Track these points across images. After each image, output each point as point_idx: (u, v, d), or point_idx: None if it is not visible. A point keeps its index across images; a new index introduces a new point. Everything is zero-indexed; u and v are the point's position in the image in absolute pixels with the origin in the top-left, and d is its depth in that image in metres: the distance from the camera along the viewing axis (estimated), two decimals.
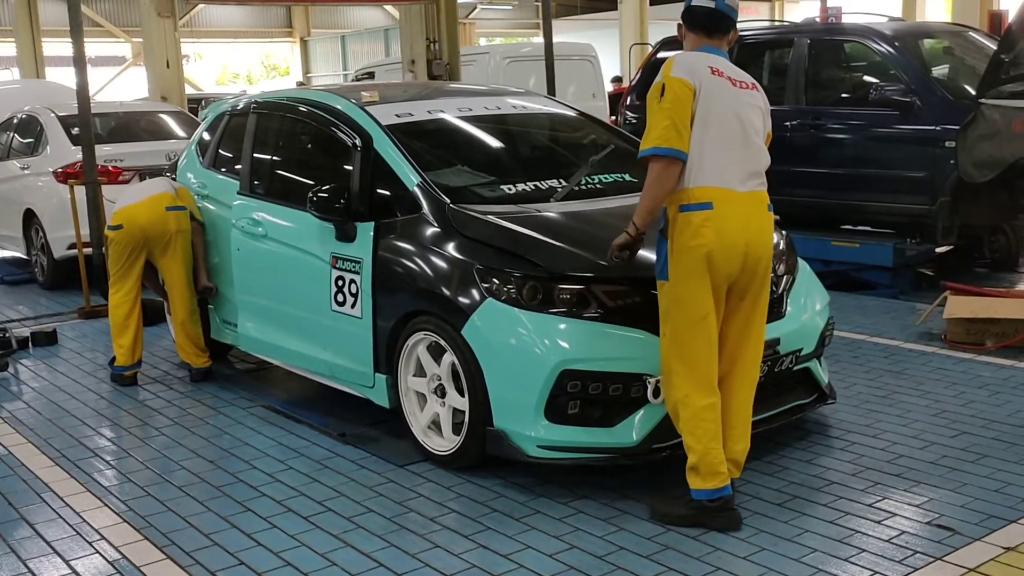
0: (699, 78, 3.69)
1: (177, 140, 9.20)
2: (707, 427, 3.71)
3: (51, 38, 20.94)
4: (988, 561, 3.43)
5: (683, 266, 3.67)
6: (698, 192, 3.66)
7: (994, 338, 5.90)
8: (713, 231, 3.64)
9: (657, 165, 3.65)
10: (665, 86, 3.66)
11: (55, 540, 3.89)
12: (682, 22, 3.92)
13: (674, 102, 3.63)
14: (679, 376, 3.73)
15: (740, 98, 3.80)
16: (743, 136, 3.79)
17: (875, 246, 7.69)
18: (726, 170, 3.72)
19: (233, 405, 5.46)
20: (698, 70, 3.70)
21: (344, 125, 5.11)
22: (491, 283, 4.17)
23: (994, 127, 6.97)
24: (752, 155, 3.85)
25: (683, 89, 3.64)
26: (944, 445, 4.48)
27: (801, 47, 8.33)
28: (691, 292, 3.67)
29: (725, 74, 3.77)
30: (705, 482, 3.73)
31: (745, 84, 3.86)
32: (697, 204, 3.66)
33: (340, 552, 3.68)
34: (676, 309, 3.72)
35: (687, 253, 3.65)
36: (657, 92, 3.68)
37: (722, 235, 3.65)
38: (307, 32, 34.73)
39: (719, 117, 3.71)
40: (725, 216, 3.67)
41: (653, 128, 3.64)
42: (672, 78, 3.66)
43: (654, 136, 3.63)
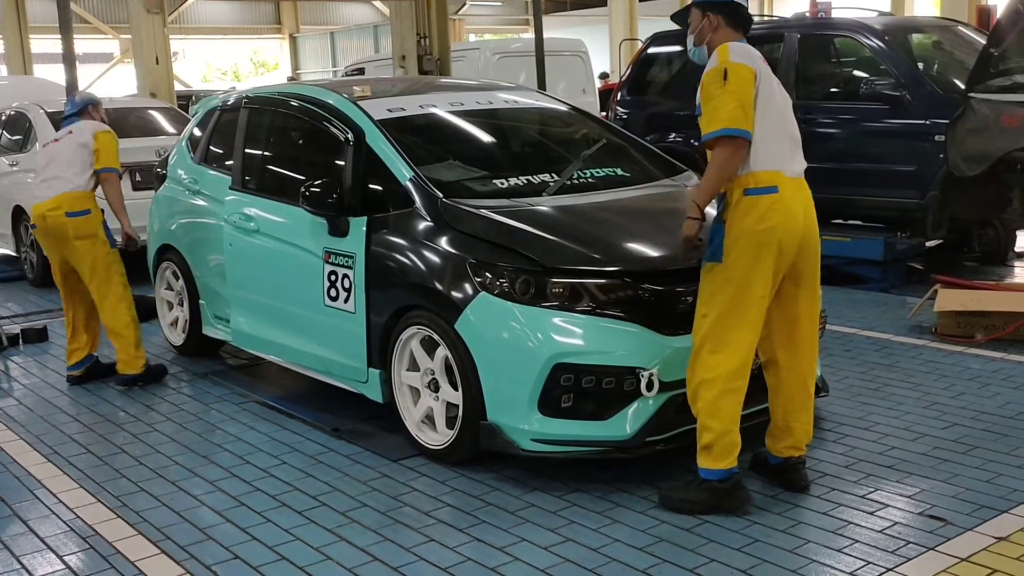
0: (757, 64, 3.75)
1: (167, 136, 9.18)
2: (732, 409, 3.73)
3: (39, 35, 20.87)
4: (980, 551, 3.45)
5: (746, 249, 3.66)
6: (764, 176, 3.69)
7: (984, 331, 5.94)
8: (781, 214, 3.68)
9: (727, 146, 3.63)
10: (728, 70, 3.66)
11: (48, 536, 3.88)
12: (720, 17, 3.87)
13: (739, 84, 3.65)
14: (715, 356, 3.71)
15: (778, 86, 3.88)
16: (791, 124, 3.86)
17: (866, 240, 7.72)
18: (784, 155, 3.77)
19: (226, 401, 5.46)
20: (754, 57, 3.77)
21: (336, 120, 5.11)
22: (484, 277, 4.18)
23: (983, 121, 7.01)
24: (797, 143, 3.90)
25: (747, 72, 3.68)
26: (935, 437, 4.50)
27: (791, 42, 8.34)
28: (753, 275, 3.68)
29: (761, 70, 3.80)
30: (717, 462, 3.75)
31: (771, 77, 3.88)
32: (764, 188, 3.68)
33: (335, 546, 3.68)
34: (730, 291, 3.69)
35: (753, 236, 3.65)
36: (720, 75, 3.67)
37: (787, 219, 3.70)
38: (296, 28, 34.67)
39: (776, 104, 3.78)
40: (789, 200, 3.72)
41: (720, 109, 3.63)
42: (733, 63, 3.68)
43: (722, 117, 3.62)
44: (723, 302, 3.71)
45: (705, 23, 3.91)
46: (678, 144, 8.91)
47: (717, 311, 3.72)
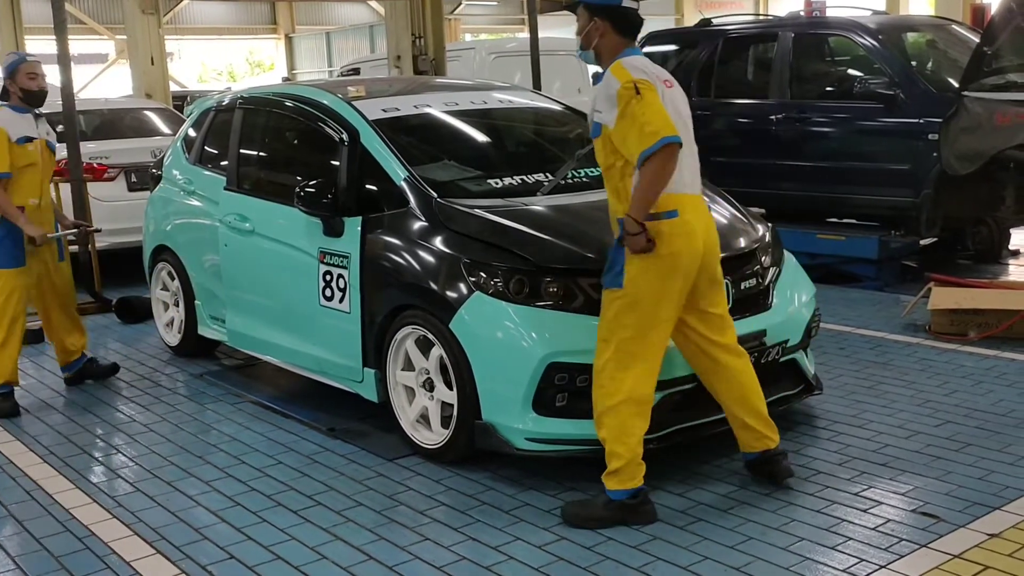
0: (656, 81, 3.66)
1: (162, 137, 9.18)
2: (638, 433, 3.72)
3: (34, 36, 20.84)
4: (972, 548, 3.47)
5: (650, 274, 3.63)
6: (664, 200, 3.61)
7: (977, 329, 5.95)
8: (683, 239, 3.65)
9: (664, 153, 3.53)
10: (637, 86, 3.58)
11: (44, 537, 3.89)
12: (607, 22, 3.75)
13: (653, 96, 3.59)
14: (618, 382, 3.68)
15: (677, 98, 3.77)
16: (688, 138, 3.76)
17: (860, 239, 7.74)
18: (684, 175, 3.70)
19: (221, 401, 5.47)
20: (650, 72, 3.67)
21: (331, 120, 5.12)
22: (478, 277, 4.19)
23: (976, 120, 7.02)
24: (695, 156, 3.84)
25: (653, 87, 3.61)
26: (928, 434, 4.52)
27: (785, 41, 8.37)
28: (658, 300, 3.66)
29: (661, 76, 3.73)
30: (625, 483, 3.72)
31: (671, 83, 3.78)
32: (665, 212, 3.63)
33: (330, 546, 3.69)
34: (634, 316, 3.66)
35: (656, 261, 3.62)
36: (632, 92, 3.57)
37: (690, 242, 3.66)
38: (292, 29, 34.63)
39: (680, 121, 3.68)
40: (689, 221, 3.68)
41: (650, 123, 3.53)
42: (637, 79, 3.60)
43: (655, 128, 3.52)
44: (627, 327, 3.67)
45: (592, 27, 3.79)
46: None
47: (620, 336, 3.68)
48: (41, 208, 5.49)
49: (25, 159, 5.31)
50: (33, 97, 5.38)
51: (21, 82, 5.35)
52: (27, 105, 5.37)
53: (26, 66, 5.35)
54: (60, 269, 5.69)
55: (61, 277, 5.72)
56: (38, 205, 5.45)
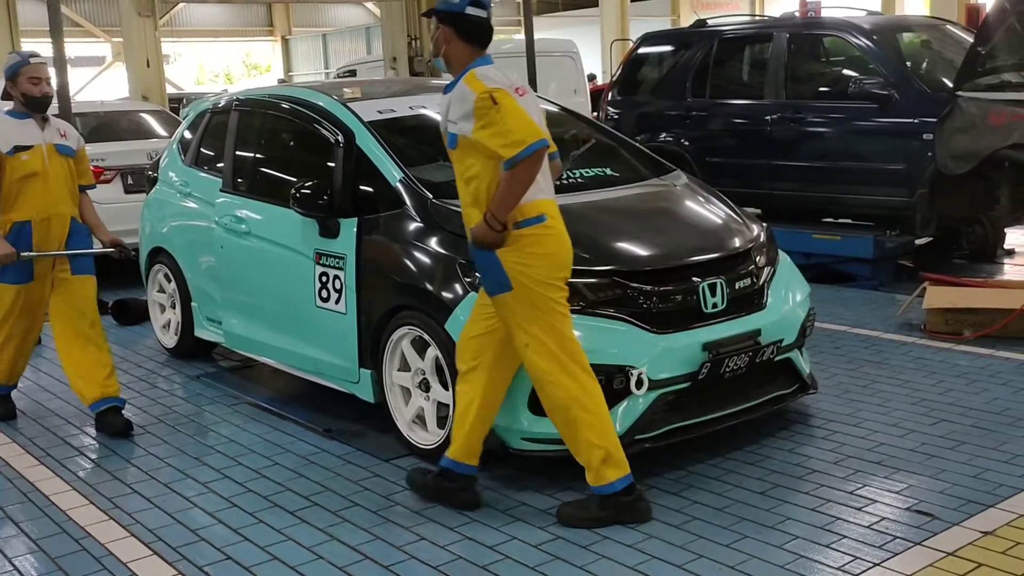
0: (507, 88, 3.68)
1: (159, 139, 9.19)
2: (606, 416, 3.74)
3: (30, 38, 20.81)
4: (966, 545, 3.48)
5: (535, 275, 3.68)
6: (529, 207, 3.69)
7: (972, 328, 5.97)
8: (554, 239, 3.73)
9: (532, 159, 3.59)
10: (493, 95, 3.61)
11: (41, 538, 3.89)
12: (451, 29, 3.78)
13: (510, 103, 3.61)
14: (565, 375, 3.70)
15: (529, 105, 3.77)
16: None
17: (855, 238, 7.76)
18: (542, 181, 3.75)
19: (218, 403, 5.47)
20: (502, 81, 3.69)
21: (326, 122, 5.13)
22: (474, 277, 4.19)
23: (971, 120, 7.05)
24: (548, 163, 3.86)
25: (507, 93, 3.64)
26: (923, 433, 4.54)
27: (780, 42, 8.39)
28: (551, 295, 3.71)
29: (518, 87, 3.75)
30: (620, 469, 3.72)
31: (523, 90, 3.80)
32: (533, 219, 3.70)
33: (327, 546, 3.70)
34: (536, 314, 3.69)
35: (539, 261, 3.69)
36: (489, 101, 3.60)
37: (560, 241, 3.75)
38: (288, 31, 34.64)
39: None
40: (555, 224, 3.76)
41: (513, 131, 3.57)
42: (492, 88, 3.62)
43: (520, 136, 3.56)
44: (539, 329, 3.70)
45: (439, 34, 3.84)
46: (668, 144, 8.95)
47: (538, 339, 3.70)
48: (52, 222, 4.96)
49: (21, 170, 4.86)
50: (35, 103, 4.92)
51: (23, 86, 4.90)
52: (29, 111, 4.94)
53: (28, 69, 4.89)
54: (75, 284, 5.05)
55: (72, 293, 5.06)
56: (47, 219, 4.94)
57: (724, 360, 4.22)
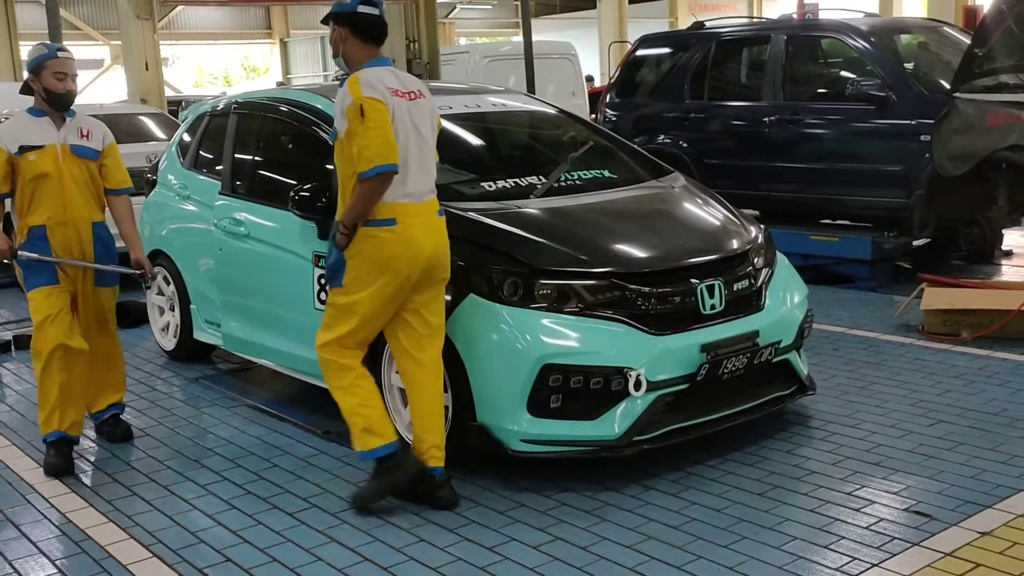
0: (387, 97, 3.81)
1: (157, 142, 9.19)
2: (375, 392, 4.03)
3: (29, 41, 20.81)
4: (964, 546, 3.49)
5: (368, 276, 3.87)
6: (382, 208, 3.84)
7: (970, 329, 5.98)
8: (398, 244, 3.86)
9: (376, 180, 3.76)
10: (363, 106, 3.74)
11: (41, 541, 3.90)
12: (346, 28, 3.94)
13: (378, 118, 3.75)
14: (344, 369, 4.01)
15: (415, 111, 3.93)
16: (420, 150, 3.95)
17: (853, 240, 7.77)
18: (408, 186, 3.88)
19: (217, 405, 5.48)
20: (382, 90, 3.81)
21: (325, 124, 5.12)
22: (472, 279, 4.21)
23: (968, 121, 7.06)
24: (427, 166, 4.01)
25: (380, 106, 3.77)
26: (921, 434, 4.54)
27: (778, 43, 8.40)
28: (375, 298, 3.90)
29: (400, 90, 3.89)
30: (382, 437, 3.94)
31: (414, 94, 3.96)
32: (382, 220, 3.85)
33: (326, 547, 3.71)
34: (354, 313, 3.93)
35: (371, 264, 3.87)
36: (357, 112, 3.74)
37: (405, 247, 3.87)
38: (286, 33, 34.63)
39: (409, 135, 3.89)
40: (406, 229, 3.88)
41: (368, 148, 3.72)
42: (366, 97, 3.75)
43: (372, 155, 3.72)
44: (346, 323, 3.95)
45: (336, 34, 3.98)
46: (666, 146, 8.97)
47: (339, 332, 3.97)
48: (69, 225, 4.62)
49: (31, 171, 4.52)
50: (58, 100, 4.57)
51: (46, 81, 4.54)
52: (50, 108, 4.60)
53: (55, 63, 4.53)
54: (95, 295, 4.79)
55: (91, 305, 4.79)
56: (64, 224, 4.60)
57: (722, 361, 4.23)
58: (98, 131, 4.74)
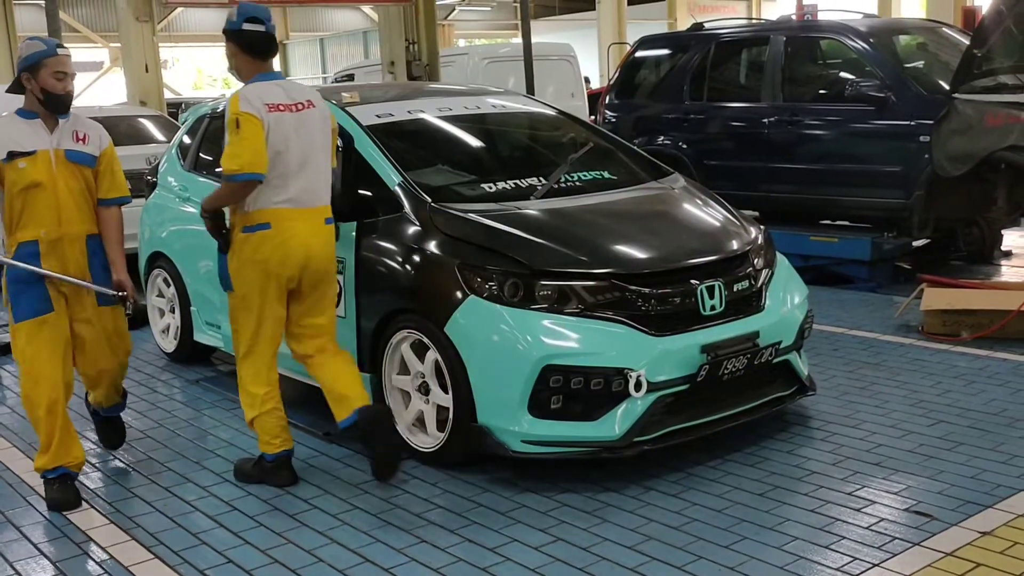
0: (263, 114, 4.07)
1: (157, 144, 9.20)
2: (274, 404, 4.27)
3: None
4: (965, 545, 3.49)
5: (249, 278, 4.15)
6: (257, 214, 4.11)
7: (969, 329, 5.99)
8: (273, 247, 4.10)
9: (237, 186, 4.08)
10: (239, 120, 4.03)
11: (42, 542, 3.90)
12: (234, 44, 4.20)
13: (250, 132, 4.02)
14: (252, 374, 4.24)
15: (300, 122, 4.16)
16: (303, 159, 4.15)
17: (853, 240, 7.78)
18: (289, 191, 4.12)
19: (218, 407, 5.48)
20: (259, 106, 4.06)
21: None
22: (473, 280, 4.21)
23: (967, 122, 7.07)
24: (311, 174, 4.20)
25: (254, 122, 4.04)
26: (921, 434, 4.55)
27: (777, 44, 8.41)
28: (261, 299, 4.15)
29: (283, 104, 4.13)
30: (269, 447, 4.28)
31: (302, 105, 4.18)
32: (257, 225, 4.11)
33: (327, 548, 3.71)
34: (246, 313, 4.21)
35: (251, 266, 4.12)
36: (234, 124, 4.04)
37: (280, 249, 4.10)
38: (285, 35, 34.62)
39: (279, 147, 4.09)
40: (281, 233, 4.11)
41: (237, 156, 4.00)
42: (242, 112, 4.04)
43: (239, 163, 4.00)
44: (246, 326, 4.22)
45: (227, 49, 4.26)
46: (666, 147, 8.97)
47: (243, 336, 4.25)
48: (64, 241, 4.15)
49: (21, 180, 4.05)
50: (56, 101, 4.13)
51: (44, 80, 4.09)
52: (45, 109, 4.15)
53: (54, 61, 4.09)
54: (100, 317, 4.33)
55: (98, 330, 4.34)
56: (59, 240, 4.14)
57: (723, 362, 4.24)
58: (95, 134, 4.32)
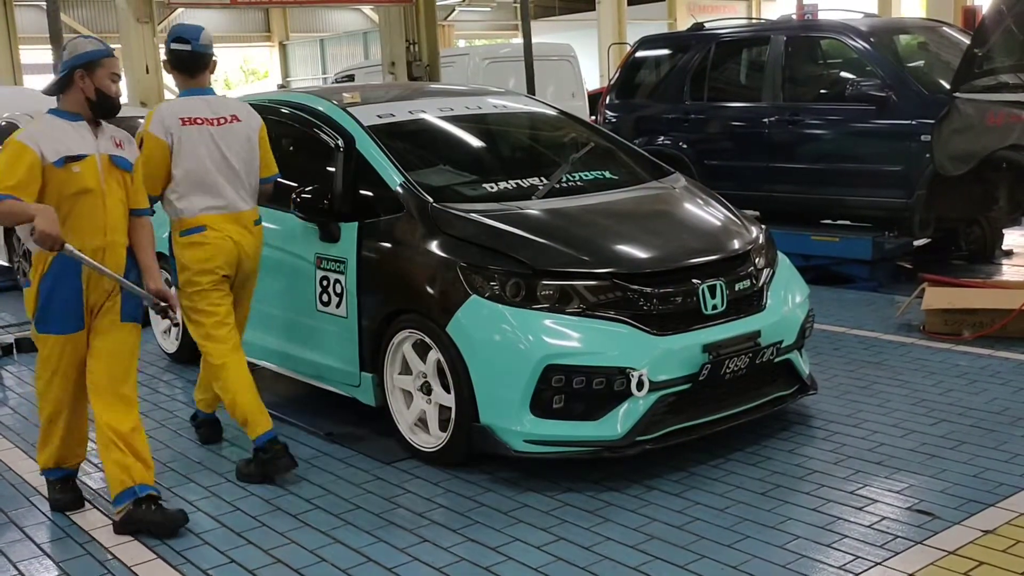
0: (171, 131, 4.39)
1: None
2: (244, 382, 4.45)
3: (28, 45, 20.86)
4: (967, 544, 3.49)
5: (193, 276, 4.46)
6: (190, 221, 4.46)
7: (971, 328, 5.99)
8: (211, 245, 4.45)
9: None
10: (143, 139, 4.39)
11: (45, 543, 3.91)
12: (168, 63, 4.59)
13: (148, 154, 4.34)
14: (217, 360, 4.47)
15: (220, 135, 4.48)
16: (225, 169, 4.48)
17: (854, 240, 7.78)
18: (212, 199, 4.46)
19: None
20: (170, 124, 4.40)
21: (326, 126, 5.14)
22: (475, 280, 4.22)
23: (968, 121, 7.07)
24: (239, 182, 4.53)
25: (158, 143, 4.38)
26: (923, 433, 4.55)
27: (778, 44, 8.41)
28: (207, 289, 4.47)
29: (202, 118, 4.45)
30: (260, 426, 4.37)
31: (224, 119, 4.51)
32: (193, 229, 4.45)
33: (329, 548, 3.71)
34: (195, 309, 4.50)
35: (193, 266, 4.45)
36: (139, 141, 4.35)
37: (214, 249, 4.45)
38: (286, 36, 34.65)
39: (196, 159, 4.42)
40: (215, 233, 4.45)
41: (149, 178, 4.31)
42: (149, 133, 4.40)
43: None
44: (199, 319, 4.50)
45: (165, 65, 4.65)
46: (666, 147, 8.98)
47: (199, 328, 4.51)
48: (107, 253, 3.89)
49: (72, 186, 3.79)
50: (109, 105, 3.94)
51: (100, 80, 3.88)
52: (91, 112, 3.92)
53: (111, 62, 3.93)
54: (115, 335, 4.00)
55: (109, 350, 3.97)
56: (102, 250, 3.88)
57: (724, 361, 4.24)
58: (127, 139, 4.10)
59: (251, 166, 4.58)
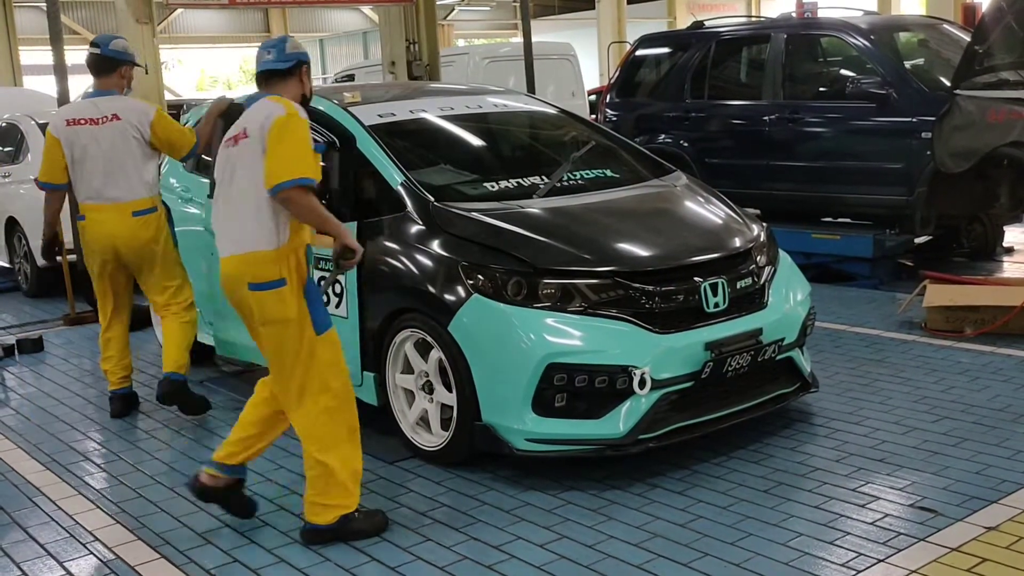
0: (59, 131, 5.14)
1: None
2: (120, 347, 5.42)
3: (28, 46, 20.84)
4: (970, 541, 3.49)
5: (88, 256, 5.28)
6: (81, 209, 5.23)
7: (973, 325, 5.99)
8: (89, 233, 5.22)
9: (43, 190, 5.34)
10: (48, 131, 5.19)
11: (48, 543, 3.91)
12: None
13: (45, 149, 5.20)
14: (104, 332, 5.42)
15: (102, 134, 5.12)
16: (104, 164, 5.13)
17: (855, 238, 7.79)
18: (92, 191, 5.16)
19: (221, 407, 5.48)
20: (58, 125, 5.16)
21: (325, 126, 5.13)
22: (476, 279, 4.22)
23: (969, 118, 7.07)
24: (113, 177, 5.15)
25: (51, 141, 5.16)
26: (925, 430, 4.55)
27: (778, 42, 8.41)
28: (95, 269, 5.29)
29: (85, 118, 5.12)
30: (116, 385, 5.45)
31: (106, 118, 5.13)
32: (80, 216, 5.26)
33: (333, 548, 3.71)
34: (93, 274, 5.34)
35: (86, 247, 5.27)
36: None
37: (92, 236, 5.21)
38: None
39: (80, 156, 5.12)
40: (92, 222, 5.20)
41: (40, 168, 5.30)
42: (49, 131, 5.18)
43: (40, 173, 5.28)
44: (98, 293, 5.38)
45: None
46: (667, 145, 8.98)
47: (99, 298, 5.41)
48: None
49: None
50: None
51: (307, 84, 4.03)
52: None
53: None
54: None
55: None
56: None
57: (726, 359, 4.24)
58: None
59: (136, 159, 5.17)
